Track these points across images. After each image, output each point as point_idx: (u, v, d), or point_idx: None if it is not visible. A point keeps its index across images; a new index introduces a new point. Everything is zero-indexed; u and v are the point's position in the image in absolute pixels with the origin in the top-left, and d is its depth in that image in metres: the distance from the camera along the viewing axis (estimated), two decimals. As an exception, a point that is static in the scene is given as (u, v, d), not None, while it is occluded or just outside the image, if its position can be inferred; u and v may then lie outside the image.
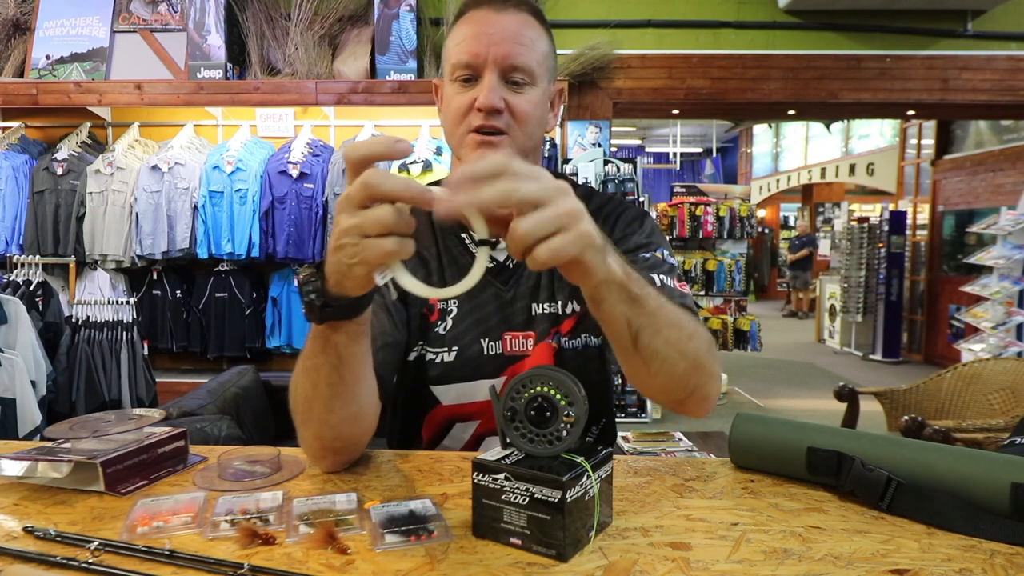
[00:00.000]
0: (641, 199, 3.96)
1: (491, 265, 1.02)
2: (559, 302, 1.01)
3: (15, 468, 0.77)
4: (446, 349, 1.00)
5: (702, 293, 5.02)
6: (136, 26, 3.86)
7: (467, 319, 1.00)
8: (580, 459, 0.64)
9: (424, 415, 1.03)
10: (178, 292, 3.78)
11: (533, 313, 1.01)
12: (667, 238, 1.10)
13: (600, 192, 1.11)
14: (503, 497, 0.63)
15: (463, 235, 1.03)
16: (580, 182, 3.69)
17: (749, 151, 13.65)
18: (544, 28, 0.97)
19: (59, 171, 3.60)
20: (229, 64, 3.72)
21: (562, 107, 3.94)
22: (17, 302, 2.86)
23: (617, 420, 1.18)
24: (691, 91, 4.09)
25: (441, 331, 1.00)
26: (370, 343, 0.77)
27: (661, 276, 0.92)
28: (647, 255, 0.96)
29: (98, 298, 3.46)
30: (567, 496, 0.60)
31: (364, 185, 0.57)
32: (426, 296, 0.63)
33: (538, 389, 0.66)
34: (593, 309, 0.75)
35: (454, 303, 1.01)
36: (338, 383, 0.74)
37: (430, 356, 1.00)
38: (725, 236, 5.03)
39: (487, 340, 1.00)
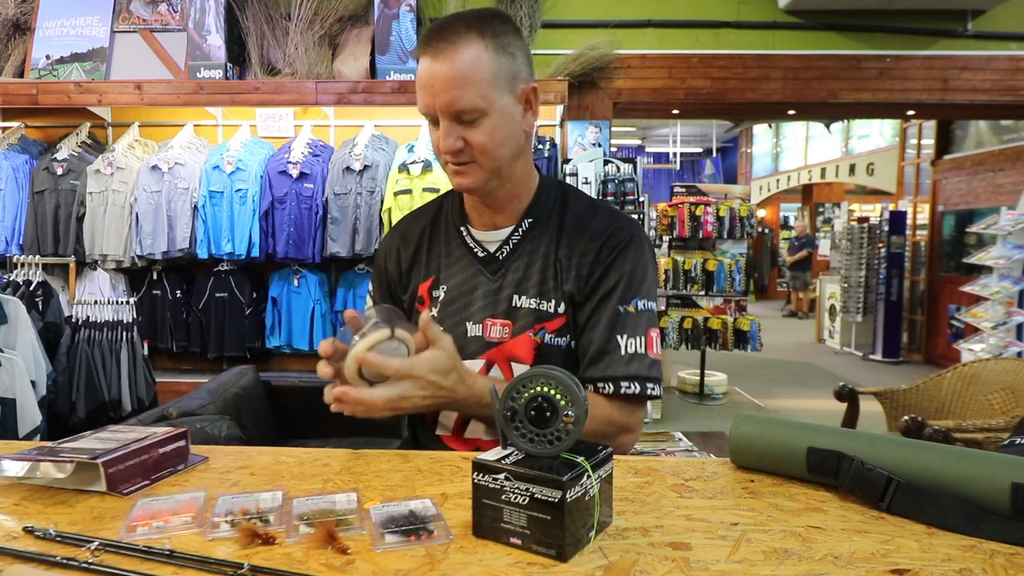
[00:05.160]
0: (641, 199, 3.95)
1: (482, 255, 1.09)
2: (552, 302, 1.05)
3: (16, 468, 0.77)
4: None
5: (702, 293, 5.02)
6: (136, 26, 3.86)
7: (455, 304, 1.08)
8: (580, 459, 0.64)
9: None
10: (178, 292, 3.78)
11: (514, 304, 1.06)
12: (656, 275, 1.12)
13: (612, 212, 1.10)
14: (503, 497, 0.63)
15: (462, 229, 1.11)
16: (583, 183, 3.69)
17: (749, 151, 13.64)
18: (491, 43, 0.95)
19: (59, 171, 3.60)
20: (229, 64, 3.72)
21: (561, 106, 3.98)
22: (17, 302, 2.85)
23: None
24: (691, 91, 4.09)
25: (432, 314, 1.09)
26: None
27: (625, 339, 1.01)
28: (620, 308, 1.02)
29: (98, 298, 3.45)
30: (567, 496, 0.60)
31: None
32: None
33: (538, 389, 0.67)
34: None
35: (444, 290, 1.09)
36: None
37: None
38: (725, 236, 5.02)
39: (471, 323, 1.07)
